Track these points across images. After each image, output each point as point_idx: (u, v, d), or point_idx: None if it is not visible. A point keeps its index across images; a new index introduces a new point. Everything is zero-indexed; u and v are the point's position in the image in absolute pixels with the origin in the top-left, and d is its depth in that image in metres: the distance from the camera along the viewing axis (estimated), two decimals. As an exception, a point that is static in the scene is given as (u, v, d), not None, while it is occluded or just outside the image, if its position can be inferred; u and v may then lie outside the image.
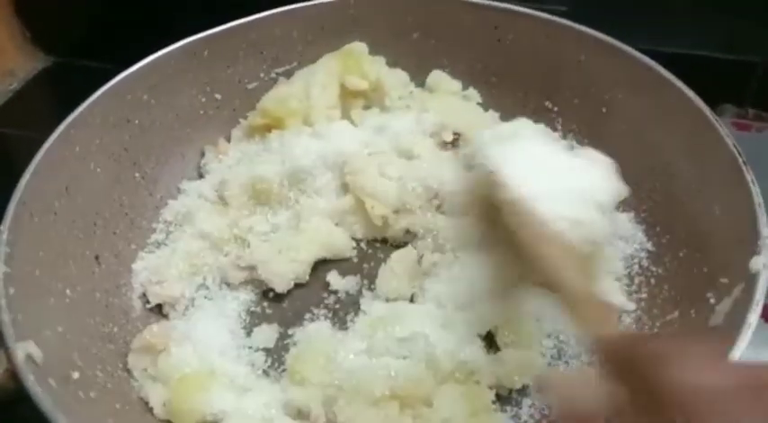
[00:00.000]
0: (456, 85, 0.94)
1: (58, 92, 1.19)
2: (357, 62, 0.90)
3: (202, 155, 0.90)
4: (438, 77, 0.94)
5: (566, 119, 0.91)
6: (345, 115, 0.92)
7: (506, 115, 0.92)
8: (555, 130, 0.91)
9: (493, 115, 0.93)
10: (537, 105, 0.93)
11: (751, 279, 0.59)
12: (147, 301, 0.78)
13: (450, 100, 0.92)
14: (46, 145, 0.73)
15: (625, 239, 0.80)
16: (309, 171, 0.82)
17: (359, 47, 0.92)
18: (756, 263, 0.59)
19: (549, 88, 0.91)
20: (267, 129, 0.88)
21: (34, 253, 0.68)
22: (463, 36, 0.94)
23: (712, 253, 0.68)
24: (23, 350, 0.56)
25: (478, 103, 0.94)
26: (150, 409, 0.67)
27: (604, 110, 0.86)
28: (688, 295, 0.69)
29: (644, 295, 0.75)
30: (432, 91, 0.94)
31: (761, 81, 1.02)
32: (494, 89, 0.95)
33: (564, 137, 0.90)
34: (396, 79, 0.93)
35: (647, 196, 0.81)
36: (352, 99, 0.92)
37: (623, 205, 0.82)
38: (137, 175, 0.85)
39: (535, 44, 0.90)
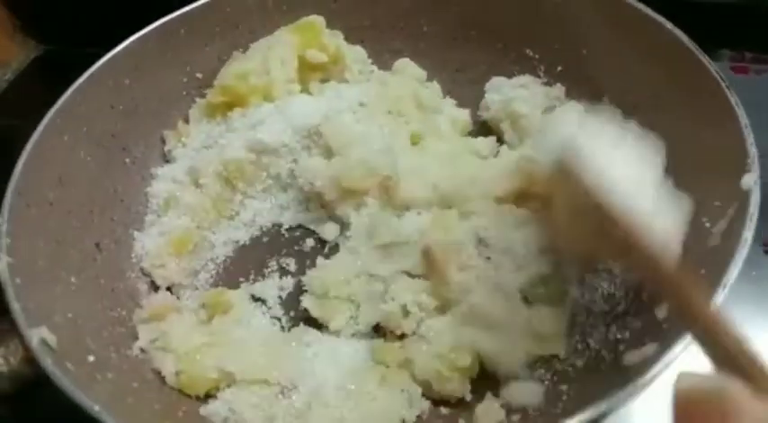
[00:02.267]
0: (421, 73, 0.95)
1: (51, 80, 1.17)
2: (316, 35, 0.90)
3: (163, 141, 0.89)
4: (404, 64, 0.95)
5: (548, 65, 0.91)
6: (304, 89, 0.92)
7: (491, 70, 0.93)
8: (538, 76, 0.91)
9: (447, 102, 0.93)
10: (518, 54, 0.93)
11: (743, 196, 0.60)
12: (153, 283, 0.78)
13: (411, 82, 0.92)
14: (35, 136, 0.73)
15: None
16: (280, 147, 0.82)
17: (317, 20, 0.91)
18: (748, 180, 0.60)
19: (528, 36, 0.92)
20: (228, 107, 0.87)
21: (35, 243, 0.68)
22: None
23: (704, 180, 0.69)
24: (38, 335, 0.56)
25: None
26: (168, 389, 0.68)
27: (585, 51, 0.86)
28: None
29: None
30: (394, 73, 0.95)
31: (758, 25, 1.01)
32: (474, 43, 0.96)
33: (549, 83, 0.90)
34: (354, 54, 0.94)
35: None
36: (311, 72, 0.92)
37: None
38: (127, 160, 0.85)
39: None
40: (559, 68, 0.90)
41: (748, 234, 0.57)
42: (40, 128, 0.74)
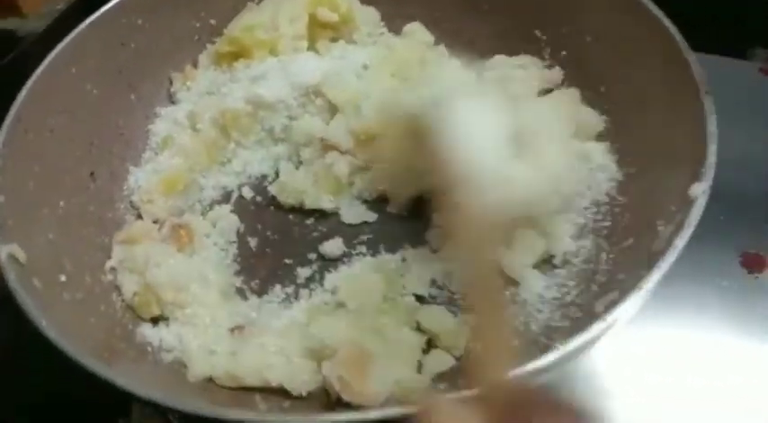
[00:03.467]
0: (429, 38, 0.95)
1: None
2: (328, -7, 0.92)
3: (170, 82, 0.93)
4: (414, 28, 0.95)
5: (553, 48, 0.91)
6: (312, 46, 0.94)
7: (498, 46, 0.93)
8: (543, 58, 0.91)
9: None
10: (527, 33, 0.92)
11: (687, 205, 0.60)
12: (140, 217, 0.83)
13: (418, 46, 0.93)
14: (42, 65, 0.78)
15: (600, 168, 0.81)
16: (276, 103, 0.85)
17: None
18: (696, 189, 0.60)
19: (539, 16, 0.91)
20: (234, 57, 0.90)
21: (29, 166, 0.73)
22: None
23: (665, 182, 0.69)
24: (6, 251, 0.62)
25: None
26: (131, 311, 0.73)
27: (589, 38, 0.86)
28: (645, 223, 0.69)
29: (607, 223, 0.76)
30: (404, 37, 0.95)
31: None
32: (486, 17, 0.95)
33: (550, 66, 0.90)
34: (367, 15, 0.95)
35: (622, 126, 0.81)
36: (320, 30, 0.94)
37: (600, 135, 0.83)
38: (132, 96, 0.90)
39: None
40: (563, 53, 0.90)
41: (680, 242, 0.57)
42: (49, 58, 0.79)
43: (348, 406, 0.62)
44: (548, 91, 0.89)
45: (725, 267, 0.79)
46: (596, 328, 0.56)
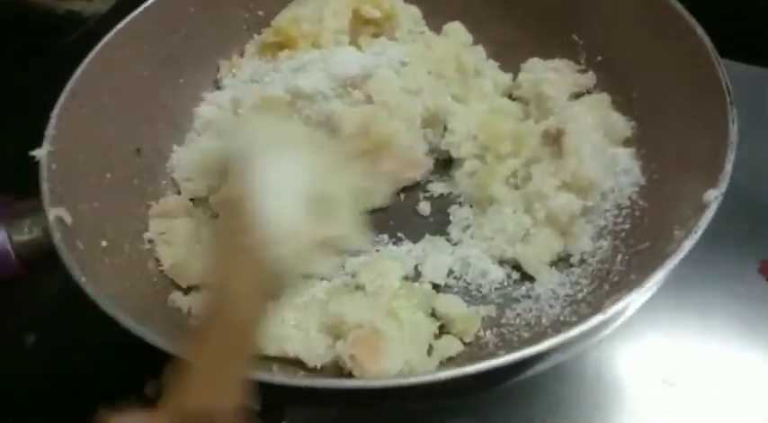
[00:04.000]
0: (467, 37, 0.98)
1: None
2: (372, -10, 0.95)
3: (218, 69, 0.98)
4: (453, 27, 0.98)
5: (589, 53, 0.92)
6: (353, 41, 0.97)
7: (536, 49, 0.95)
8: (578, 63, 0.93)
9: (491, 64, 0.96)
10: (565, 38, 0.94)
11: (701, 210, 0.61)
12: (179, 192, 0.88)
13: (455, 45, 0.95)
14: (97, 47, 0.83)
15: (625, 172, 0.82)
16: (314, 93, 0.88)
17: None
18: (710, 195, 0.61)
19: (578, 21, 0.92)
20: (279, 47, 0.94)
21: (80, 139, 0.79)
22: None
23: (689, 189, 0.70)
24: (55, 213, 0.67)
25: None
26: (164, 277, 0.78)
27: (624, 45, 0.87)
28: (662, 228, 0.71)
29: (626, 226, 0.78)
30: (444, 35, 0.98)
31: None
32: (527, 20, 0.97)
33: (584, 70, 0.92)
34: (408, 13, 0.98)
35: (649, 132, 0.82)
36: (363, 26, 0.97)
37: (627, 141, 0.84)
38: (181, 80, 0.95)
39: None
40: (599, 58, 0.91)
41: (687, 244, 0.59)
42: (104, 40, 0.84)
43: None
44: (579, 94, 0.90)
45: (742, 274, 0.79)
46: (594, 320, 0.58)
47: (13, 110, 1.02)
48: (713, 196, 0.61)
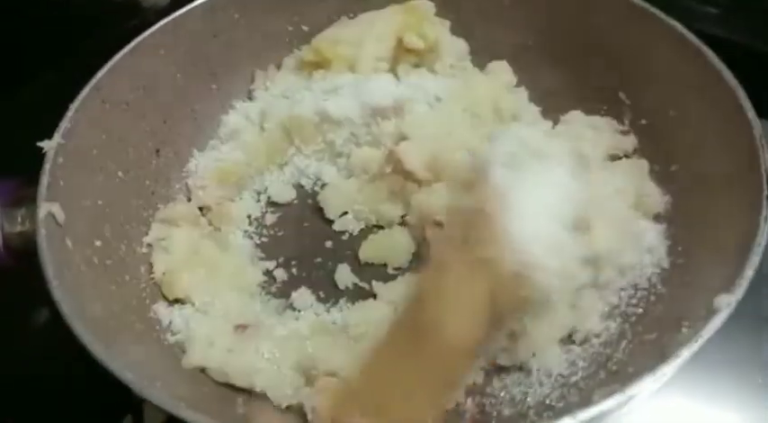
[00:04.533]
0: (511, 78, 0.93)
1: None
2: (420, 20, 0.91)
3: (252, 79, 0.96)
4: (498, 66, 0.94)
5: (635, 114, 0.86)
6: (393, 69, 0.94)
7: (580, 101, 0.90)
8: (622, 123, 0.87)
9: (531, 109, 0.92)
10: (612, 95, 0.88)
11: (709, 314, 0.55)
12: (189, 199, 0.87)
13: (496, 86, 0.91)
14: (132, 43, 0.83)
15: (649, 250, 0.76)
16: (342, 119, 0.86)
17: (425, 5, 0.92)
18: (720, 301, 0.55)
19: (627, 80, 0.87)
20: (315, 66, 0.92)
21: (97, 134, 0.79)
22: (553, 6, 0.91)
23: (711, 283, 0.64)
24: (46, 209, 0.67)
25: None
26: (154, 285, 0.77)
27: (672, 113, 0.81)
28: (673, 320, 0.65)
29: (639, 310, 0.72)
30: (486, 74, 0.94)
31: None
32: (576, 70, 0.92)
33: (626, 132, 0.86)
34: (454, 47, 0.94)
35: (683, 211, 0.76)
36: (405, 54, 0.93)
37: (659, 217, 0.78)
38: (213, 86, 0.94)
39: (626, 28, 0.85)
40: (643, 122, 0.85)
41: (685, 352, 0.53)
42: (140, 38, 0.84)
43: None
44: (617, 157, 0.84)
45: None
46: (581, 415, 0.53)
47: (63, 94, 1.03)
48: (725, 303, 0.55)
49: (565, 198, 0.58)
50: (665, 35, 0.80)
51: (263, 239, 0.85)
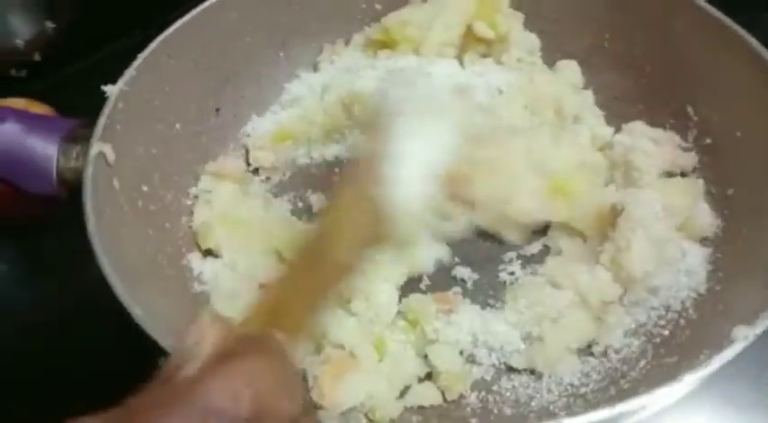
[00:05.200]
0: (579, 78, 0.91)
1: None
2: (493, 9, 0.90)
3: (320, 51, 0.97)
4: (566, 65, 0.91)
5: (700, 131, 0.82)
6: (459, 55, 0.93)
7: (646, 111, 0.87)
8: (685, 139, 0.83)
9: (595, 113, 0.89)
10: (680, 108, 0.84)
11: (725, 344, 0.53)
12: (247, 161, 0.90)
13: (562, 85, 0.89)
14: (205, 4, 0.86)
15: (687, 274, 0.72)
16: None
17: None
18: (737, 332, 0.53)
19: (698, 94, 0.82)
20: (382, 45, 0.92)
21: (160, 86, 0.82)
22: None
23: (741, 314, 0.61)
24: (99, 148, 0.70)
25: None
26: (192, 235, 0.80)
27: (739, 134, 0.76)
28: (697, 346, 0.62)
29: (666, 332, 0.69)
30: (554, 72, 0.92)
31: None
32: (647, 79, 0.88)
33: (688, 149, 0.82)
34: (525, 40, 0.92)
35: (731, 237, 0.72)
36: (474, 42, 0.92)
37: (705, 240, 0.75)
38: (281, 54, 0.95)
39: (704, 41, 0.81)
40: (708, 141, 0.81)
41: (689, 378, 0.51)
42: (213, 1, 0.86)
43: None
44: (673, 174, 0.81)
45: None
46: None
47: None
48: (743, 334, 0.52)
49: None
50: (741, 52, 0.75)
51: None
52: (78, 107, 0.79)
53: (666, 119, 0.85)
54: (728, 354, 0.52)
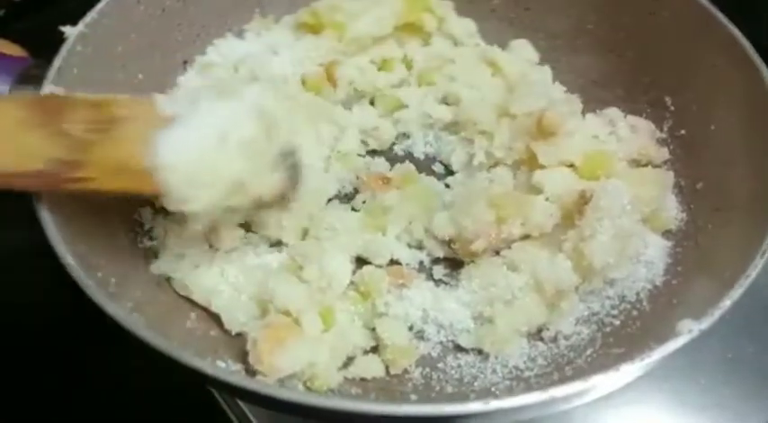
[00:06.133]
0: (534, 55, 0.89)
1: None
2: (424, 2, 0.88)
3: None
4: (520, 45, 0.89)
5: (676, 121, 0.80)
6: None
7: (624, 97, 0.85)
8: (660, 129, 0.81)
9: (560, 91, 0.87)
10: (658, 97, 0.82)
11: (669, 337, 0.52)
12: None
13: (518, 66, 0.87)
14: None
15: (646, 265, 0.71)
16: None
17: None
18: (683, 326, 0.51)
19: (677, 85, 0.81)
20: (309, 29, 0.89)
21: (125, 33, 0.78)
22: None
23: (692, 310, 0.59)
24: (49, 90, 0.67)
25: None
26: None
27: (713, 127, 0.75)
28: (644, 338, 0.61)
29: (617, 322, 0.69)
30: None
31: None
32: (626, 65, 0.87)
33: (666, 141, 0.80)
34: (461, 27, 0.91)
35: (695, 232, 0.71)
36: (413, 33, 0.91)
37: (668, 233, 0.73)
38: (257, 10, 0.92)
39: (688, 29, 0.79)
40: (682, 132, 0.79)
41: (627, 368, 0.50)
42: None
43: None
44: (642, 164, 0.79)
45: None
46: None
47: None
48: (687, 328, 0.51)
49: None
50: (724, 44, 0.73)
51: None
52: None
53: (644, 108, 0.83)
54: (670, 346, 0.50)
